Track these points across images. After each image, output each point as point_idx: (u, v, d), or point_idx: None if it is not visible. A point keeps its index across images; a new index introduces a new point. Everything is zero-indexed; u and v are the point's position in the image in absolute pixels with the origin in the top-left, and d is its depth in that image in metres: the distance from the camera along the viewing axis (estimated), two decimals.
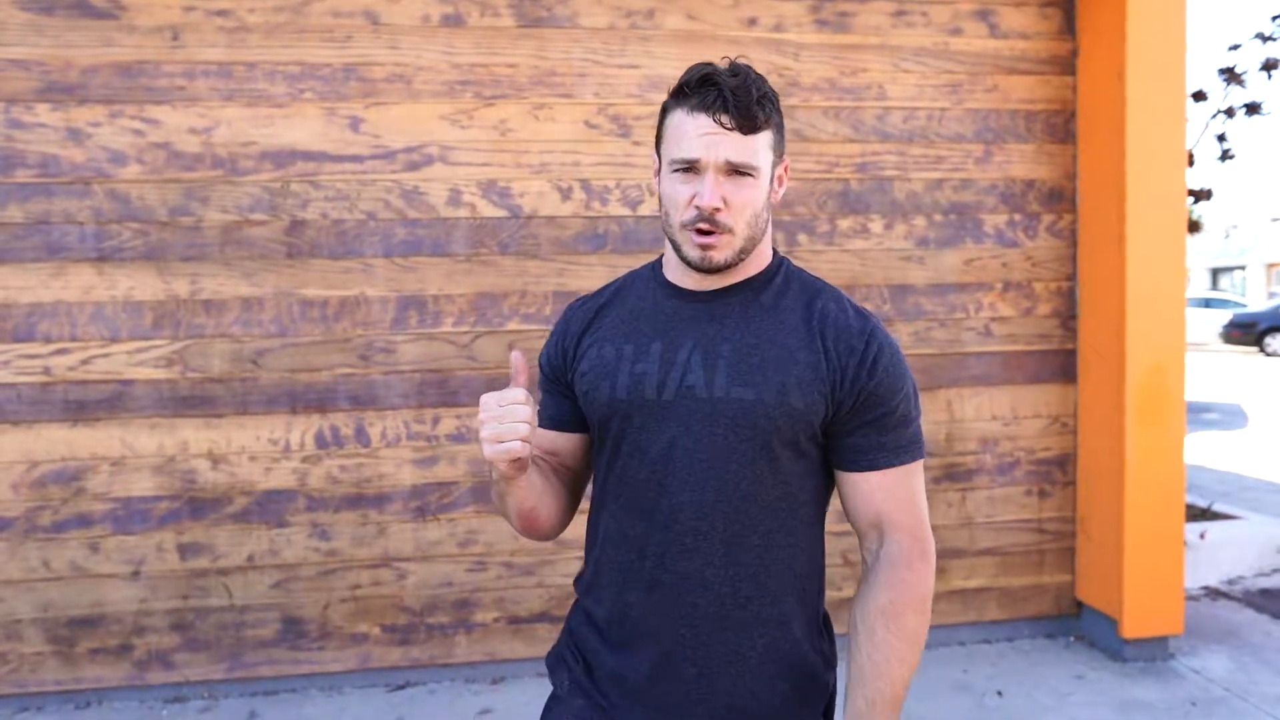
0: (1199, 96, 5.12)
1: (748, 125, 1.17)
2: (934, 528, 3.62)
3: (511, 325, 3.36)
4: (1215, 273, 37.08)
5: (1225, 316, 20.73)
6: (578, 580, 1.39)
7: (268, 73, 3.23)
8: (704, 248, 1.20)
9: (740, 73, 1.19)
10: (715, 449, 1.21)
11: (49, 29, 3.12)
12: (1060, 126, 3.67)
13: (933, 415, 3.62)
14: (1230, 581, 4.39)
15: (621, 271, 3.36)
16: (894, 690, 1.18)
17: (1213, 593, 4.26)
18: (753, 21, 3.46)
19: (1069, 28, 3.64)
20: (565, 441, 1.37)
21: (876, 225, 3.57)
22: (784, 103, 3.46)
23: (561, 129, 3.36)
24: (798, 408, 1.20)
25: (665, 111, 1.24)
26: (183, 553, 3.26)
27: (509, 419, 1.11)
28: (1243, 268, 35.14)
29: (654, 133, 3.29)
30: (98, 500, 3.22)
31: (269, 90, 3.23)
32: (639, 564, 1.25)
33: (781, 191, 1.28)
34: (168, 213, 3.21)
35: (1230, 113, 5.05)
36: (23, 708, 3.24)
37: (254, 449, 3.27)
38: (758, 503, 1.22)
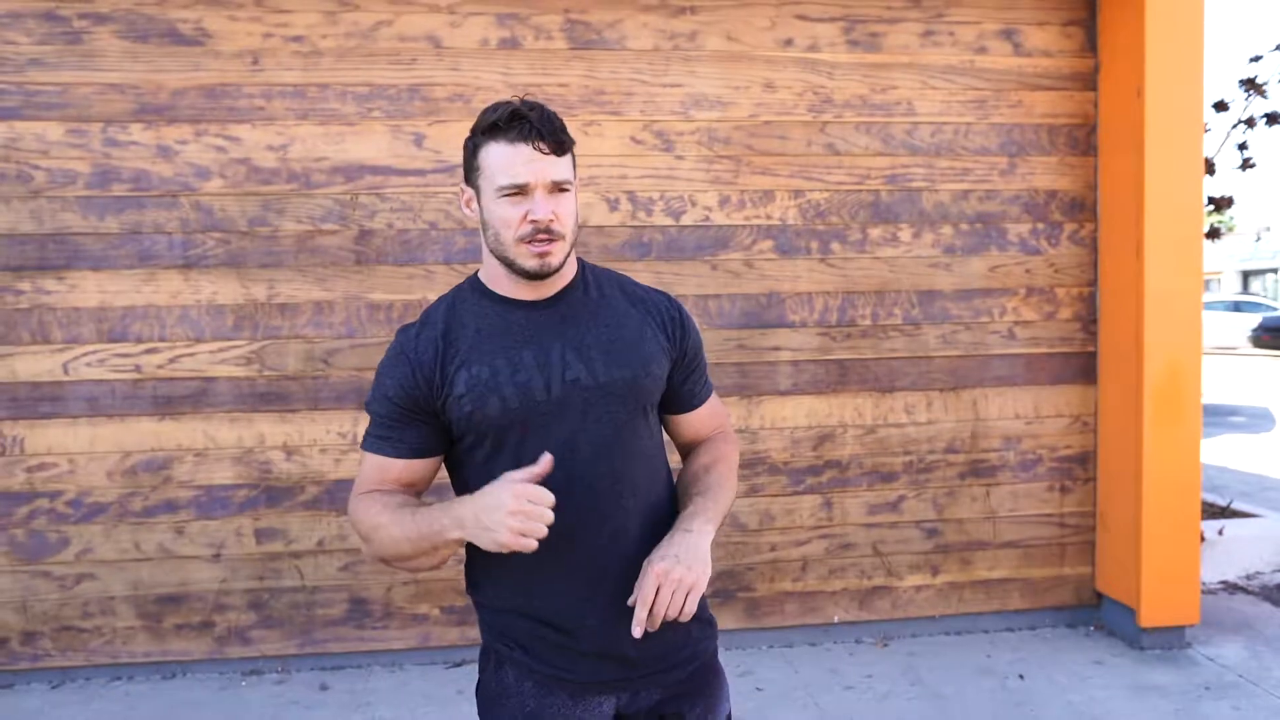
0: (1220, 106, 5.26)
1: (559, 148, 1.39)
2: (959, 521, 3.84)
3: None
4: (1246, 276, 36.69)
5: (1255, 320, 20.59)
6: (477, 588, 1.50)
7: (339, 93, 3.49)
8: (541, 255, 1.38)
9: (537, 107, 1.40)
10: (613, 422, 1.44)
11: (143, 55, 3.40)
12: (1082, 140, 3.85)
13: (958, 414, 3.82)
14: (1248, 576, 4.54)
15: (667, 277, 3.61)
16: (723, 505, 1.51)
17: (1230, 587, 4.42)
18: (789, 42, 3.68)
19: (1090, 45, 3.83)
20: (425, 468, 1.47)
21: (905, 234, 3.77)
22: (818, 119, 3.68)
23: (609, 144, 3.60)
24: (658, 375, 1.50)
25: (478, 148, 1.40)
26: (259, 537, 3.53)
27: (537, 518, 1.24)
28: (1274, 270, 34.76)
29: (697, 148, 3.51)
30: (183, 488, 3.49)
31: (340, 109, 3.49)
32: (565, 543, 1.37)
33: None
34: (247, 223, 3.48)
35: (1251, 123, 5.18)
36: (115, 677, 3.53)
37: (324, 441, 3.53)
38: (647, 455, 1.50)
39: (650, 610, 1.33)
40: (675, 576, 1.33)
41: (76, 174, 3.41)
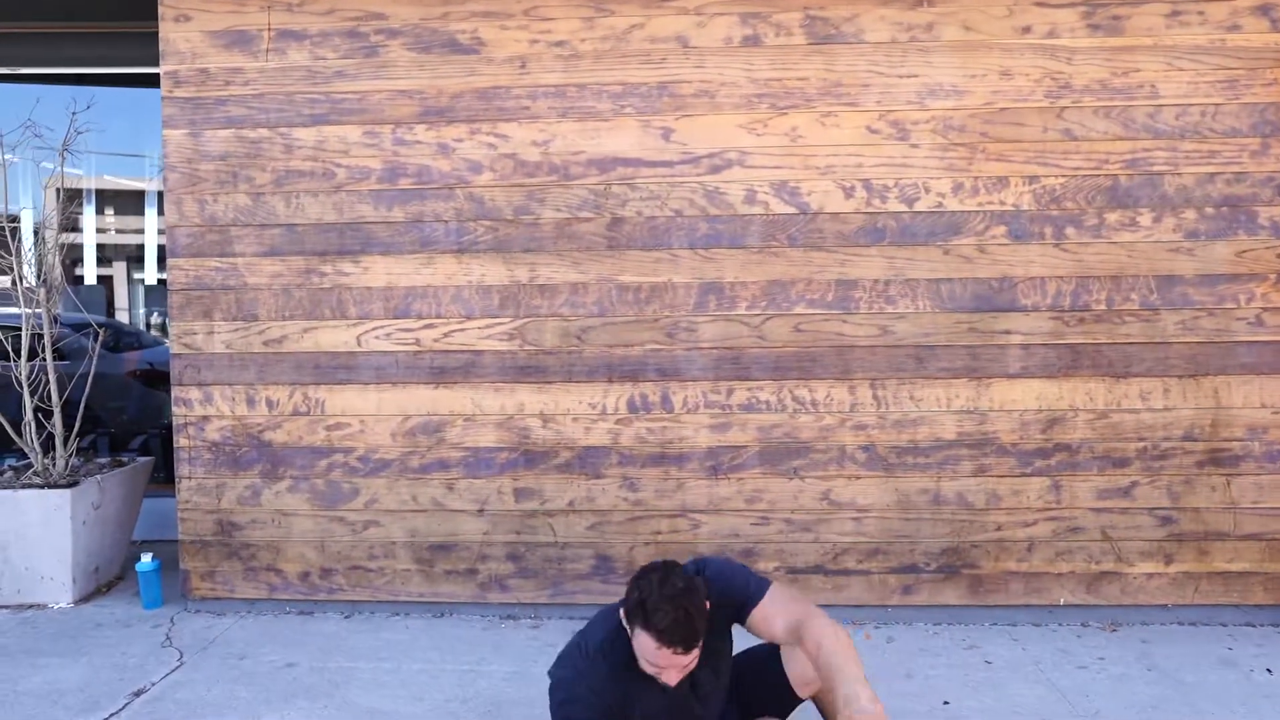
0: None
1: (690, 647, 2.10)
2: (1196, 510, 3.78)
3: (798, 309, 3.79)
4: None
5: None
6: None
7: (595, 92, 3.81)
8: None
9: (682, 609, 2.09)
10: None
11: (427, 64, 3.84)
12: None
13: (1197, 401, 3.76)
14: None
15: (899, 262, 3.77)
16: None
17: None
18: (1026, 29, 3.71)
19: None
20: None
21: (1145, 219, 3.73)
22: (1055, 104, 3.71)
23: (846, 134, 3.76)
24: None
25: (633, 625, 2.13)
26: (517, 496, 3.92)
27: None
28: None
29: (932, 137, 3.63)
30: (453, 449, 3.93)
31: (596, 107, 3.81)
32: None
33: None
34: (513, 212, 3.86)
35: None
36: (394, 613, 4.01)
37: (576, 411, 3.88)
38: None
39: None
40: None
41: (370, 170, 3.88)
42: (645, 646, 2.06)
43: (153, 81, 4.00)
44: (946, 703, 3.18)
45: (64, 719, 3.08)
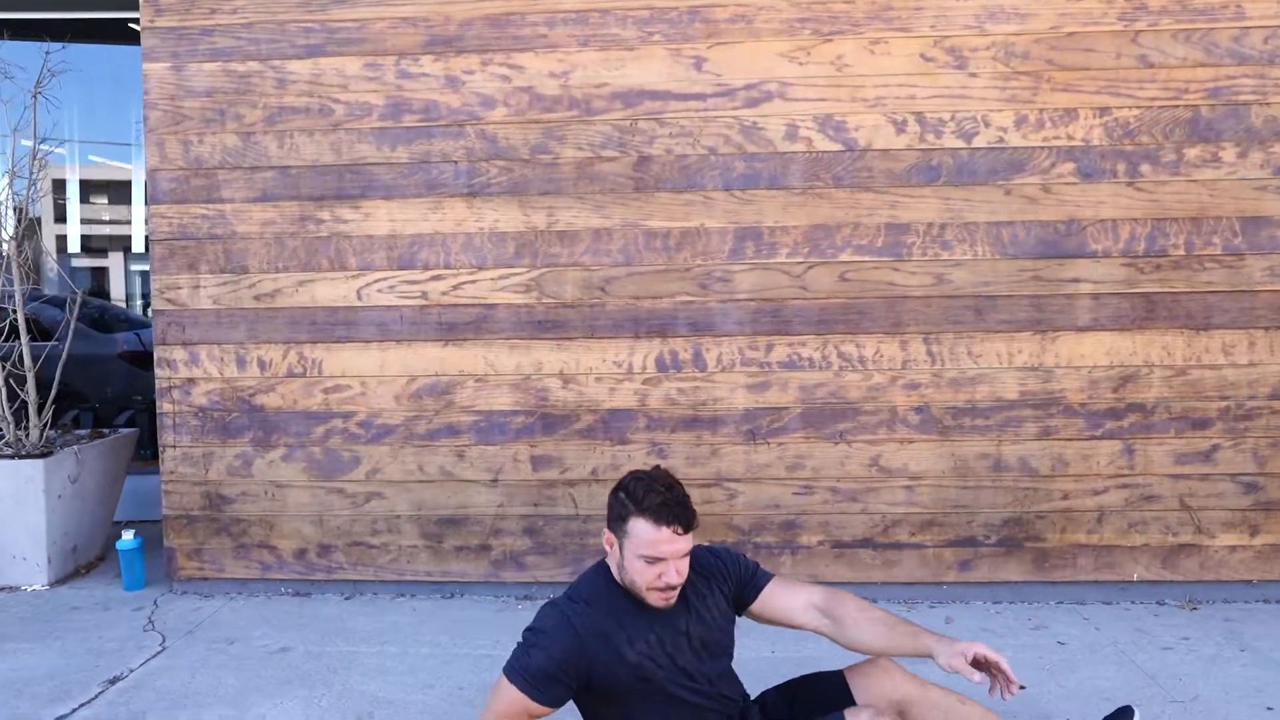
0: None
1: (690, 528, 1.91)
2: (1278, 476, 3.42)
3: (844, 256, 3.43)
4: None
5: None
6: None
7: (619, 18, 3.45)
8: (666, 600, 1.91)
9: (678, 487, 1.93)
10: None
11: None
12: None
13: None
14: None
15: (956, 203, 3.40)
16: None
17: None
18: None
19: None
20: None
21: (1229, 154, 3.38)
22: (1129, 28, 3.35)
23: (897, 63, 3.40)
24: None
25: (628, 516, 1.89)
26: (535, 464, 3.56)
27: None
28: None
29: (992, 65, 3.27)
30: (464, 413, 3.57)
31: (620, 34, 3.46)
32: None
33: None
34: (529, 151, 3.50)
35: None
36: (400, 593, 3.66)
37: (600, 370, 3.52)
38: None
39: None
40: None
41: (371, 106, 3.52)
42: (643, 535, 1.85)
43: (135, 38, 3.63)
44: (1023, 687, 2.81)
45: (29, 710, 2.73)
